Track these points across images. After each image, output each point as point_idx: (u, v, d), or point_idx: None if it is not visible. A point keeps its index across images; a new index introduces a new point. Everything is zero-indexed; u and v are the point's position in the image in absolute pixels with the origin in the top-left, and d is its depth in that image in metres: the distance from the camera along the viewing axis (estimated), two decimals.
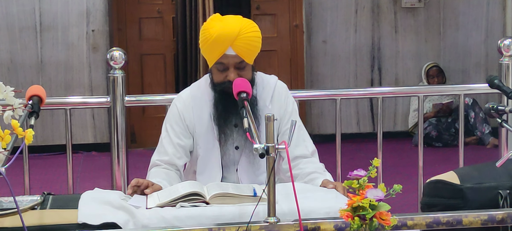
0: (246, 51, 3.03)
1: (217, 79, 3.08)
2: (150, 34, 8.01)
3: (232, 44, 3.00)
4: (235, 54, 3.02)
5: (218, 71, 3.07)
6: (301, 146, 3.14)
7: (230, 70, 3.03)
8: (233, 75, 3.02)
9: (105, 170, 4.53)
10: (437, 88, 6.62)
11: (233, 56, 3.02)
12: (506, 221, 2.43)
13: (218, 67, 3.06)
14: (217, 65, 3.06)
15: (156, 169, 3.11)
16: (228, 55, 3.02)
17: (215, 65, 3.06)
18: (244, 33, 3.03)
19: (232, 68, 3.03)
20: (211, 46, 3.03)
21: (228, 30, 3.01)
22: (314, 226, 2.33)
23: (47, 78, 7.58)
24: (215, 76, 3.09)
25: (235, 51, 3.01)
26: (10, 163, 2.07)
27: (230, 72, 3.03)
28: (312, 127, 7.93)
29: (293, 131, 2.38)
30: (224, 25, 3.04)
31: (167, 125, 3.18)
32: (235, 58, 3.02)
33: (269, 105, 3.14)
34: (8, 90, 2.28)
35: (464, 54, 8.33)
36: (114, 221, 2.46)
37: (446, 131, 7.80)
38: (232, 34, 3.00)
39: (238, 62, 3.03)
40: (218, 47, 3.01)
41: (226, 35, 3.00)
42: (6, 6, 7.51)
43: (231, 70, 3.03)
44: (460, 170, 3.00)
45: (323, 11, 8.07)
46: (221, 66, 3.04)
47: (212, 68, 3.10)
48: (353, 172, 2.20)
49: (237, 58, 3.02)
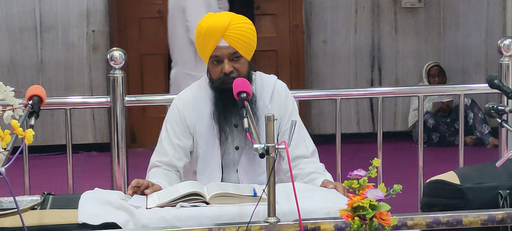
0: (238, 42, 3.04)
1: (214, 75, 3.09)
2: (150, 34, 8.00)
3: (224, 35, 3.02)
4: (227, 45, 3.03)
5: (213, 66, 3.08)
6: (301, 146, 3.14)
7: (224, 62, 3.04)
8: (228, 66, 3.03)
9: (105, 170, 4.53)
10: (437, 88, 6.62)
11: (226, 47, 3.03)
12: (506, 221, 2.44)
13: (213, 61, 3.07)
14: (211, 60, 3.07)
15: (155, 170, 3.11)
16: (221, 46, 3.03)
17: (210, 60, 3.08)
18: (235, 24, 3.06)
19: (226, 59, 3.04)
20: (203, 40, 3.05)
21: (218, 21, 3.05)
22: (314, 226, 2.33)
23: (47, 78, 7.58)
24: (212, 73, 3.10)
25: (228, 42, 3.03)
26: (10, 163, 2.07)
27: (225, 64, 3.04)
28: (312, 127, 7.92)
29: (293, 131, 2.38)
30: (215, 18, 3.09)
31: (167, 124, 3.18)
32: (228, 49, 3.03)
33: (269, 105, 3.14)
34: (8, 90, 2.28)
35: (464, 54, 8.33)
36: (114, 221, 2.46)
37: (446, 131, 7.80)
38: (222, 25, 3.03)
39: (231, 53, 3.04)
40: (210, 39, 3.03)
41: (216, 26, 3.03)
42: (6, 7, 7.50)
43: (225, 62, 3.04)
44: (460, 170, 3.00)
45: (323, 11, 8.07)
46: (216, 59, 3.05)
47: (208, 65, 3.11)
48: (353, 172, 2.20)
49: (230, 49, 3.03)
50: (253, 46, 3.11)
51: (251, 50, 3.11)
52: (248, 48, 3.08)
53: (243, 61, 3.07)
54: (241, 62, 3.06)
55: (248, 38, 3.07)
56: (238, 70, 3.04)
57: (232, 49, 3.04)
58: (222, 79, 3.04)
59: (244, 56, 3.07)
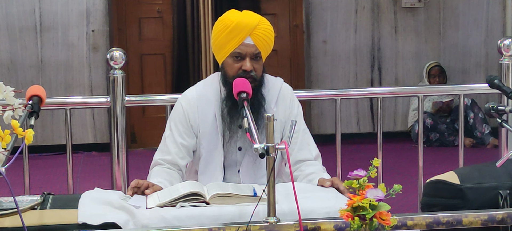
0: (263, 44, 3.05)
1: (231, 71, 3.06)
2: (150, 34, 8.00)
3: (251, 34, 3.03)
4: (253, 44, 3.03)
5: (233, 61, 3.06)
6: (305, 150, 3.14)
7: (246, 60, 3.03)
8: (249, 65, 3.03)
9: (105, 170, 4.53)
10: (437, 88, 6.62)
11: (251, 45, 3.03)
12: (506, 221, 2.44)
13: (234, 56, 3.05)
14: (233, 55, 3.05)
15: (158, 168, 3.10)
16: (247, 44, 3.03)
17: (231, 56, 3.06)
18: (263, 25, 3.07)
19: (248, 58, 3.04)
20: (229, 34, 3.04)
21: (248, 19, 3.06)
22: (314, 226, 2.33)
23: (47, 78, 7.58)
24: (229, 69, 3.07)
25: (254, 41, 3.03)
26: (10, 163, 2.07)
27: (246, 61, 3.03)
28: (312, 127, 7.92)
29: (293, 131, 2.38)
30: (244, 14, 3.10)
31: (171, 123, 3.17)
32: (253, 48, 3.04)
33: (274, 107, 3.14)
34: (8, 90, 2.28)
35: (464, 54, 8.33)
36: (114, 221, 2.46)
37: (444, 131, 7.80)
38: (252, 23, 3.04)
39: (255, 52, 3.04)
40: (237, 35, 3.02)
41: (246, 23, 3.03)
42: (6, 6, 7.51)
43: (247, 60, 3.03)
44: (460, 170, 3.00)
45: (323, 11, 8.07)
46: (238, 55, 3.04)
47: (226, 61, 3.08)
48: (353, 172, 2.20)
49: (254, 48, 3.04)
50: (271, 49, 3.14)
51: (269, 52, 3.14)
52: (268, 51, 3.11)
53: (261, 64, 3.09)
54: (260, 64, 3.08)
55: (271, 41, 3.10)
56: (256, 70, 3.04)
57: (256, 49, 3.04)
58: (240, 75, 3.02)
59: (262, 59, 3.09)
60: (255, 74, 3.03)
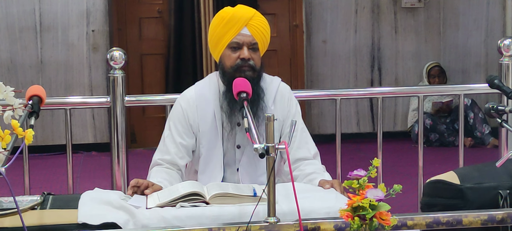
0: (259, 35, 3.09)
1: (229, 62, 3.08)
2: (150, 34, 8.00)
3: (248, 24, 3.07)
4: (249, 34, 3.07)
5: (230, 52, 3.08)
6: (303, 148, 3.15)
7: (243, 49, 3.06)
8: (247, 53, 3.05)
9: (105, 170, 4.53)
10: (437, 88, 6.62)
11: (248, 35, 3.07)
12: (506, 221, 2.43)
13: (231, 47, 3.07)
14: (230, 46, 3.08)
15: (157, 168, 3.10)
16: (244, 33, 3.07)
17: (228, 47, 3.08)
18: (258, 17, 3.12)
19: (246, 46, 3.07)
20: (226, 26, 3.07)
21: (243, 10, 3.11)
22: (314, 226, 2.33)
23: (47, 78, 7.58)
24: (227, 60, 3.09)
25: (250, 31, 3.08)
26: (10, 163, 2.07)
27: (244, 50, 3.06)
28: (312, 127, 7.92)
29: (293, 131, 2.39)
30: (239, 7, 3.14)
31: (171, 123, 3.18)
32: (250, 38, 3.07)
33: (272, 106, 3.14)
34: (8, 90, 2.28)
35: (464, 54, 8.33)
36: (114, 221, 2.46)
37: (444, 131, 7.80)
38: (248, 14, 3.09)
39: (252, 42, 3.08)
40: (234, 25, 3.06)
41: (242, 14, 3.08)
42: (6, 6, 7.50)
43: (244, 48, 3.06)
44: (460, 170, 3.00)
45: (323, 11, 8.07)
46: (235, 45, 3.07)
47: (224, 53, 3.10)
48: (353, 172, 2.20)
49: (251, 38, 3.07)
50: (267, 44, 3.17)
51: (266, 47, 3.17)
52: (264, 43, 3.14)
53: (259, 55, 3.12)
54: (257, 54, 3.11)
55: (267, 33, 3.14)
56: (254, 60, 3.07)
57: (252, 39, 3.07)
58: (238, 64, 3.04)
59: (260, 50, 3.11)
60: (253, 63, 3.05)
